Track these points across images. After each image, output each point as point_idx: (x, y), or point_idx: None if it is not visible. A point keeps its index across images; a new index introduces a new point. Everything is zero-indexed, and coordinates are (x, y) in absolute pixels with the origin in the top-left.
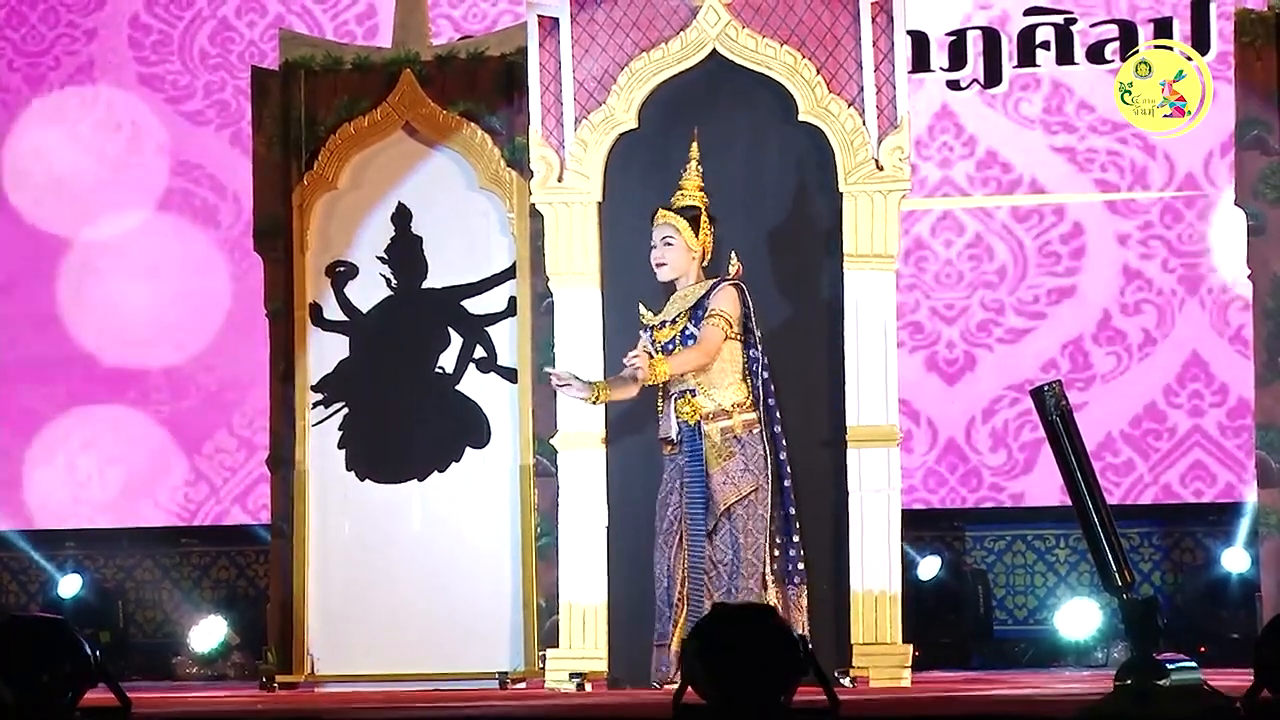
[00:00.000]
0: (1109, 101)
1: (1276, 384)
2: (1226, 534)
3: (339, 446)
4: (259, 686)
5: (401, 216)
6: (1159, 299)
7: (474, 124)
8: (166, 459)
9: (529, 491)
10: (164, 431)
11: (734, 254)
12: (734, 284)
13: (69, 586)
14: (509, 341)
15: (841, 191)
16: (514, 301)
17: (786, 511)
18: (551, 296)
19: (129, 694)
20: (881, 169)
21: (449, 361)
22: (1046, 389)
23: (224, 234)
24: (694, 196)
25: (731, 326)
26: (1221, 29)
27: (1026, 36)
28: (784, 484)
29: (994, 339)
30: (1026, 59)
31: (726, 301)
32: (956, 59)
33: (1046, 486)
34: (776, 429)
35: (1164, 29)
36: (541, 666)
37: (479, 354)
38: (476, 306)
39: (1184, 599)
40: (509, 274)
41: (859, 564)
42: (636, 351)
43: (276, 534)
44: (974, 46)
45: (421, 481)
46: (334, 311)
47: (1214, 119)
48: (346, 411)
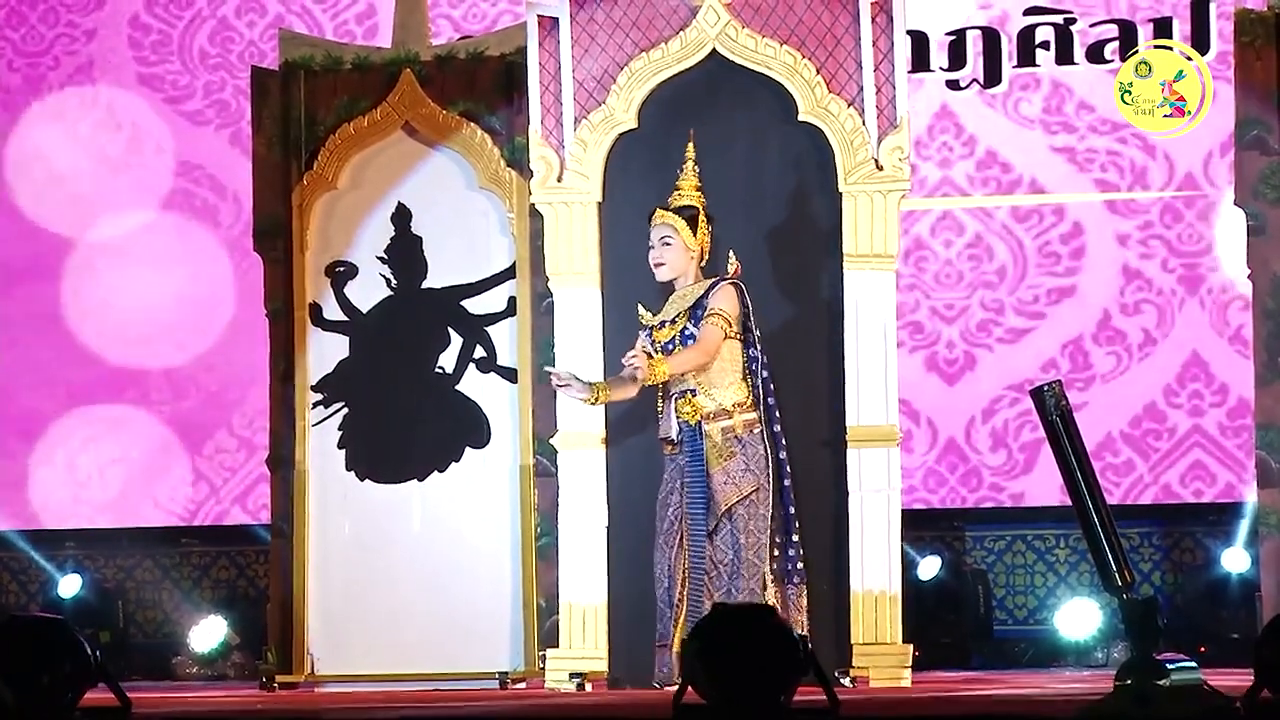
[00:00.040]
0: (1109, 101)
1: (1276, 384)
2: (1226, 534)
3: (339, 446)
4: (259, 686)
5: (401, 216)
6: (1159, 299)
7: (474, 124)
8: (167, 459)
9: (529, 491)
10: (164, 431)
11: (732, 253)
12: (733, 283)
13: (69, 586)
14: (509, 341)
15: (841, 191)
16: (514, 301)
17: (786, 511)
18: (551, 296)
19: (129, 694)
20: (881, 169)
21: (449, 361)
22: (1046, 389)
23: (224, 234)
24: (691, 196)
25: (731, 326)
26: (1221, 29)
27: (1026, 36)
28: (784, 483)
29: (994, 339)
30: (1026, 59)
31: (726, 300)
32: (956, 59)
33: (1046, 486)
34: (776, 428)
35: (1164, 29)
36: (541, 666)
37: (479, 354)
38: (476, 306)
39: (1184, 599)
40: (509, 274)
41: (859, 564)
42: (635, 351)
43: (276, 534)
44: (974, 46)
45: (421, 481)
46: (334, 311)
47: (1214, 119)
48: (346, 411)
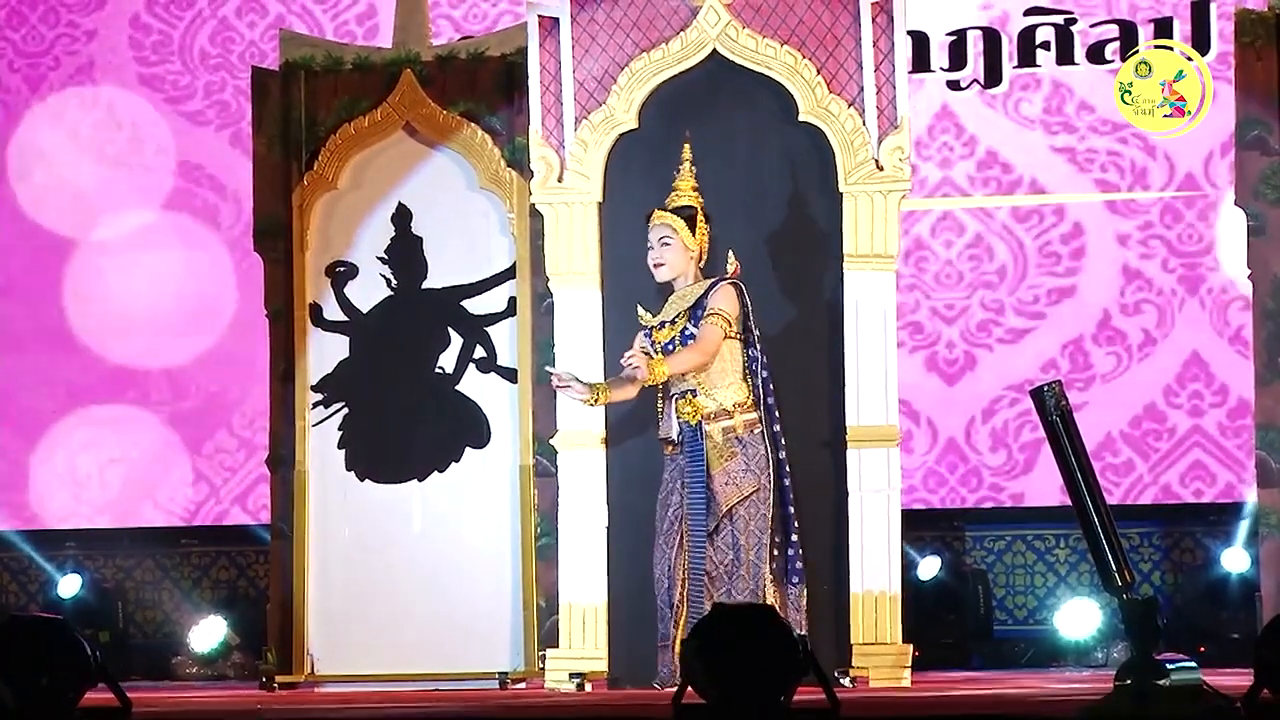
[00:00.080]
0: (1109, 101)
1: (1276, 384)
2: (1226, 534)
3: (339, 447)
4: (259, 686)
5: (401, 216)
6: (1159, 299)
7: (474, 124)
8: (167, 459)
9: (529, 492)
10: (164, 431)
11: (731, 253)
12: (732, 283)
13: (69, 586)
14: (509, 341)
15: (841, 192)
16: (514, 301)
17: (786, 511)
18: (551, 296)
19: (129, 694)
20: (881, 169)
21: (449, 361)
22: (1046, 389)
23: (224, 234)
24: (689, 197)
25: (731, 325)
26: (1221, 29)
27: (1026, 37)
28: (784, 483)
29: (994, 339)
30: (1026, 59)
31: (725, 300)
32: (956, 59)
33: (1046, 486)
34: (776, 428)
35: (1164, 29)
36: (541, 666)
37: (479, 354)
38: (476, 306)
39: (1184, 599)
40: (509, 274)
41: (859, 564)
42: (634, 351)
43: (276, 534)
44: (974, 46)
45: (421, 482)
46: (334, 311)
47: (1214, 119)
48: (346, 412)
